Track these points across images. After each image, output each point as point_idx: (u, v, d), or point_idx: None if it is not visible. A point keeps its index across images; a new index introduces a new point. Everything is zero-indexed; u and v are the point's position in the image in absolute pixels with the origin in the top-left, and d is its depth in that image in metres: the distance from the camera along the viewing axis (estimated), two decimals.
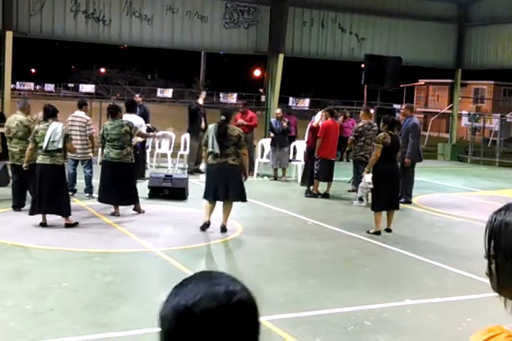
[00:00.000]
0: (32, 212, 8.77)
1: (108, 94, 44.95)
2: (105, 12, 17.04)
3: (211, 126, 8.70)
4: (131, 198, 9.72)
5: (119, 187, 9.48)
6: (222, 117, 8.68)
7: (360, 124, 12.25)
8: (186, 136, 15.47)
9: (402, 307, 6.16)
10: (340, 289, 6.56)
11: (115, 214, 9.62)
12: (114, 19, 17.20)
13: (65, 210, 8.70)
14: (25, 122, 9.48)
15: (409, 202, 11.89)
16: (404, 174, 11.03)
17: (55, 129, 8.53)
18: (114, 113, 9.74)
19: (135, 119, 10.84)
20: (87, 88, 51.77)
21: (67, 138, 8.68)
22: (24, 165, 8.86)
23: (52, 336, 5.01)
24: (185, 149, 15.58)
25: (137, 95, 15.92)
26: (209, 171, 8.92)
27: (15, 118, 9.64)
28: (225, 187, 8.60)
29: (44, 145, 8.50)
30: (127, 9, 17.27)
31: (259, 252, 8.08)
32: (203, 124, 14.31)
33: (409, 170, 11.79)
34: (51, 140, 8.47)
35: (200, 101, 14.87)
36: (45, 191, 8.56)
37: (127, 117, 10.58)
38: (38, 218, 8.71)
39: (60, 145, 8.54)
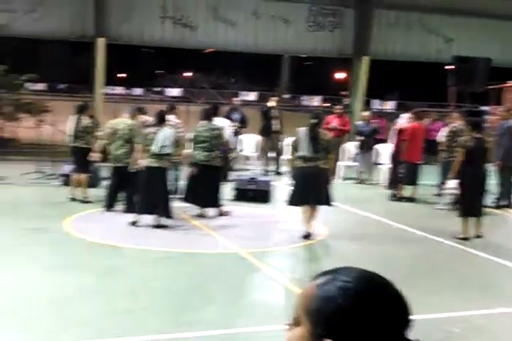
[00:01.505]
0: (131, 210, 9.09)
1: (193, 97, 45.81)
2: (192, 18, 17.42)
3: (301, 130, 8.64)
4: (216, 200, 9.90)
5: (206, 189, 9.69)
6: (314, 120, 8.58)
7: (455, 125, 11.93)
8: (258, 138, 15.66)
9: (495, 314, 5.99)
10: (427, 295, 6.45)
11: (202, 215, 9.83)
12: (201, 24, 17.56)
13: (167, 212, 8.97)
14: (133, 125, 9.81)
15: (509, 206, 11.51)
16: (500, 177, 10.71)
17: (166, 134, 8.83)
18: (208, 115, 9.95)
19: (220, 122, 11.02)
20: (173, 92, 52.92)
21: (177, 143, 8.98)
22: (134, 167, 9.13)
23: (142, 334, 5.18)
24: (257, 151, 15.83)
25: (235, 99, 16.37)
26: (298, 175, 8.71)
27: (122, 122, 9.95)
28: (315, 191, 8.52)
29: (155, 149, 8.79)
30: (213, 15, 17.59)
31: (343, 256, 8.05)
32: (277, 126, 14.58)
33: (504, 173, 11.42)
34: (162, 144, 8.76)
35: (271, 104, 15.06)
36: (150, 192, 8.83)
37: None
38: (130, 218, 9.00)
39: (171, 150, 8.84)
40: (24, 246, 7.74)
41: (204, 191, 9.68)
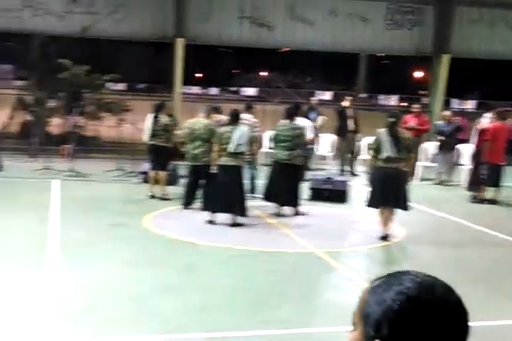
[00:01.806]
0: (207, 209, 9.22)
1: (269, 97, 46.00)
2: (269, 18, 17.48)
3: (381, 131, 8.50)
4: (296, 199, 9.92)
5: (286, 187, 9.72)
6: (392, 120, 8.43)
7: None
8: (334, 138, 15.55)
9: None
10: (504, 299, 6.26)
11: (279, 214, 9.86)
12: (278, 24, 17.59)
13: (242, 210, 9.05)
14: (210, 125, 9.95)
15: None
16: None
17: (241, 132, 8.93)
18: (290, 115, 9.99)
19: (302, 122, 11.02)
20: (249, 91, 53.30)
21: (251, 141, 9.07)
22: (212, 166, 9.27)
23: (219, 330, 5.24)
24: (332, 151, 15.73)
25: (313, 98, 16.39)
26: (378, 176, 8.56)
27: (199, 121, 10.08)
28: (394, 193, 8.38)
29: (231, 148, 8.90)
30: (290, 14, 17.60)
31: (420, 258, 7.89)
32: (352, 126, 14.49)
33: None
34: (238, 143, 8.86)
35: (345, 103, 14.95)
36: (225, 191, 8.94)
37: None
38: (207, 216, 9.12)
39: (246, 148, 8.93)
40: (105, 241, 7.97)
41: (284, 190, 9.73)
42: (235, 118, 9.18)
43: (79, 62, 19.59)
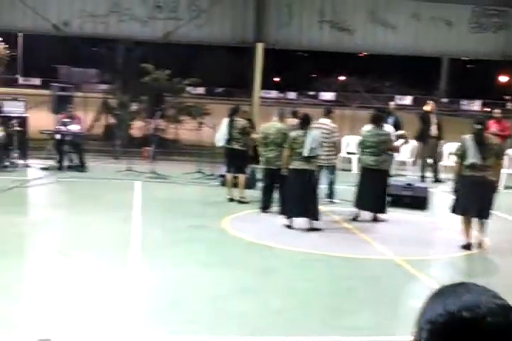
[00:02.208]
0: (283, 213, 9.26)
1: (347, 101, 45.70)
2: (350, 21, 17.37)
3: (466, 137, 8.27)
4: (384, 205, 9.81)
5: (375, 193, 9.64)
6: (478, 126, 8.20)
7: None
8: (414, 143, 15.24)
9: None
10: None
11: (357, 219, 9.78)
12: (358, 28, 17.45)
13: (315, 214, 9.03)
14: (283, 129, 9.97)
15: None
16: None
17: (314, 136, 8.93)
18: (375, 120, 9.92)
19: (387, 128, 10.90)
20: (327, 96, 53.10)
21: (321, 145, 9.06)
22: (283, 170, 9.34)
23: (294, 334, 5.23)
24: (412, 156, 15.42)
25: (392, 103, 16.19)
26: (464, 184, 8.29)
27: (272, 126, 10.13)
28: (478, 203, 8.12)
29: (305, 152, 8.90)
30: (371, 18, 17.43)
31: (503, 269, 7.64)
32: (435, 131, 14.18)
33: None
34: (311, 147, 8.87)
35: (427, 108, 14.65)
36: (299, 195, 8.95)
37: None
38: (284, 220, 9.14)
39: (319, 152, 8.92)
40: (185, 242, 8.11)
41: (373, 196, 9.64)
42: (306, 123, 9.16)
43: (160, 67, 20.05)
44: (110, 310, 5.58)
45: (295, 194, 8.99)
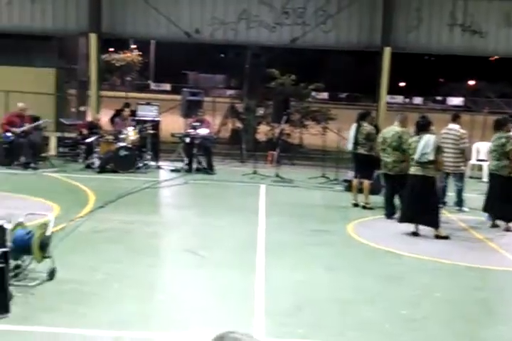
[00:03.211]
0: (401, 220, 9.10)
1: (476, 107, 44.07)
2: (482, 24, 16.78)
3: None
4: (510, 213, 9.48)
5: (501, 199, 9.31)
6: None
7: None
8: None
9: None
10: None
11: (487, 228, 9.48)
12: (491, 31, 16.81)
13: (432, 221, 8.81)
14: (401, 134, 9.84)
15: None
16: None
17: (427, 141, 8.72)
18: (499, 125, 9.69)
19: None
20: (455, 101, 51.41)
21: (438, 150, 8.79)
22: (403, 176, 9.20)
23: None
24: None
25: None
26: None
27: (392, 130, 10.04)
28: None
29: (416, 157, 8.74)
30: (507, 21, 16.73)
31: None
32: None
33: None
34: (422, 152, 8.68)
35: None
36: (415, 201, 8.78)
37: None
38: (410, 226, 8.97)
39: (431, 158, 8.69)
40: (309, 246, 8.16)
41: (499, 202, 9.32)
42: (421, 127, 8.93)
43: (286, 72, 20.30)
44: (235, 309, 5.71)
45: (411, 200, 8.85)
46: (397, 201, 9.93)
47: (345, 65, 56.09)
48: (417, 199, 8.79)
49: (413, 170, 8.88)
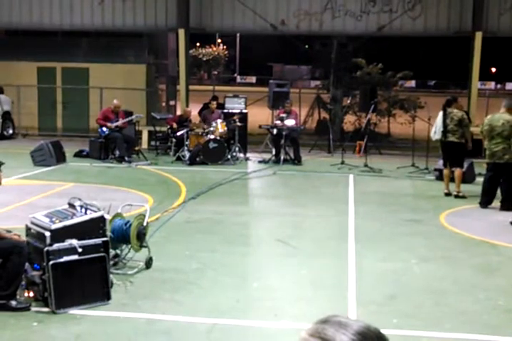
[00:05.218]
0: (505, 208, 8.81)
1: None
2: None
3: None
4: None
5: None
6: None
7: None
8: None
9: None
10: None
11: None
12: None
13: None
14: (511, 121, 9.50)
15: None
16: None
17: None
18: None
19: None
20: None
21: None
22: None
23: None
24: None
25: None
26: None
27: (501, 118, 9.63)
28: None
29: None
30: None
31: None
32: None
33: None
34: None
35: None
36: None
37: None
38: (508, 216, 8.70)
39: None
40: (401, 235, 8.07)
41: None
42: None
43: (372, 61, 20.02)
44: (327, 298, 5.73)
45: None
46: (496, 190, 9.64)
47: (434, 52, 54.67)
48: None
49: None
